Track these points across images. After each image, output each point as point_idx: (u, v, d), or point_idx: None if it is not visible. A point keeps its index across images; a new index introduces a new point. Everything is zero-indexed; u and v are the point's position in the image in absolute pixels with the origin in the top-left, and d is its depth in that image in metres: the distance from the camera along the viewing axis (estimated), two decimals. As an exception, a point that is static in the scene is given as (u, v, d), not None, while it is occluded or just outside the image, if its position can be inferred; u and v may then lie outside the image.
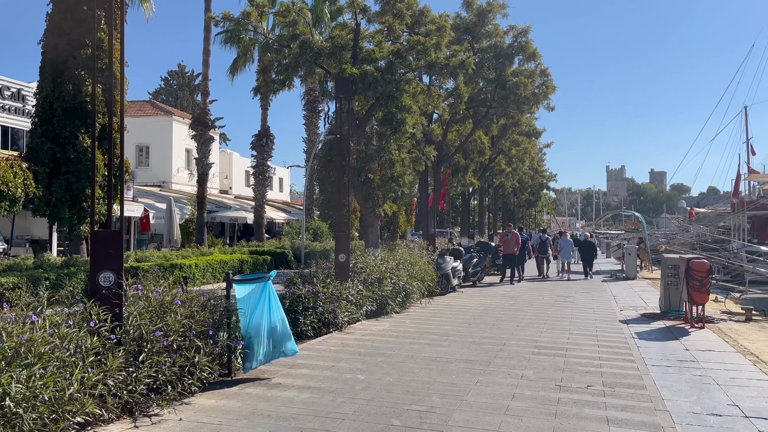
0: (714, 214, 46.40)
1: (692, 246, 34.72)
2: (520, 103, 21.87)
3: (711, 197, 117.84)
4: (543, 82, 22.63)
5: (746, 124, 48.92)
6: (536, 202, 54.49)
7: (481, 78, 21.31)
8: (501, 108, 22.35)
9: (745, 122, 48.90)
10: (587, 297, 16.34)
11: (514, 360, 8.13)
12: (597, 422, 5.51)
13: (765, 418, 5.73)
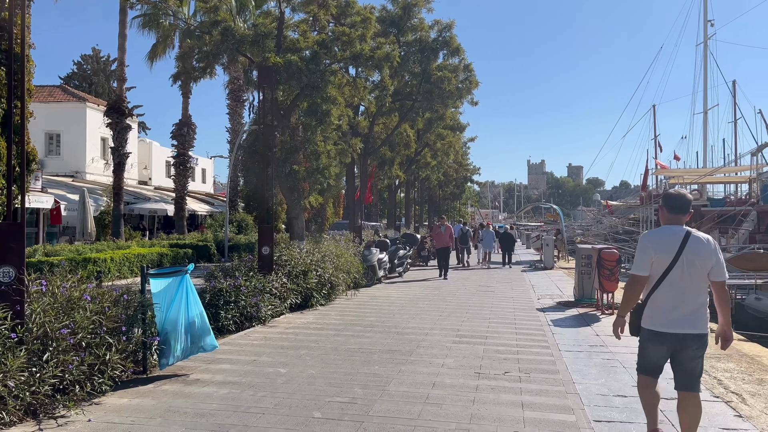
0: (625, 206, 49.03)
1: (605, 237, 36.60)
2: (445, 97, 22.22)
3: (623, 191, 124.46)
4: (467, 77, 23.07)
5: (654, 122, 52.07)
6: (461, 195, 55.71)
7: (406, 71, 21.47)
8: (426, 102, 22.63)
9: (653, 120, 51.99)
10: (507, 287, 16.89)
11: (435, 349, 8.28)
12: (512, 407, 5.71)
13: (666, 399, 6.10)
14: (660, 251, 4.37)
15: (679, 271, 4.31)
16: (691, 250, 4.33)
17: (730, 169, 38.95)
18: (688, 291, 4.33)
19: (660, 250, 4.38)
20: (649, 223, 37.75)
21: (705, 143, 46.24)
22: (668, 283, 4.34)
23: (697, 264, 4.32)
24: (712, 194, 42.05)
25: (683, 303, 4.32)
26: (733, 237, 25.50)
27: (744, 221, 26.51)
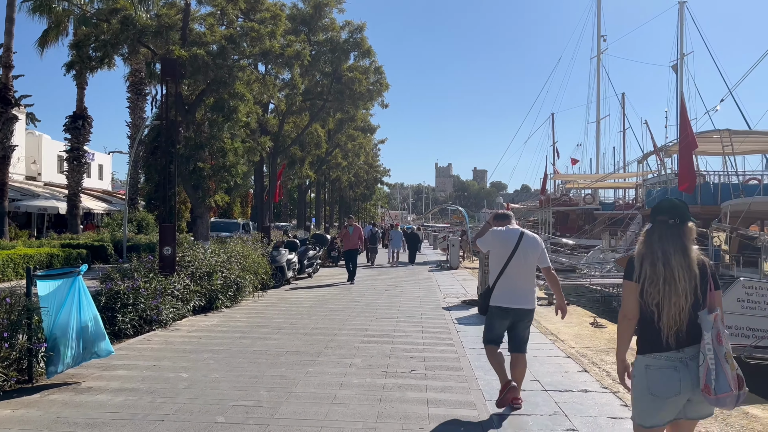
0: (525, 209, 51.45)
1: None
2: (356, 98, 22.34)
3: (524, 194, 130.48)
4: (377, 80, 23.31)
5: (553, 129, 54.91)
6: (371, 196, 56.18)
7: (317, 71, 21.38)
8: (337, 102, 22.64)
9: (552, 128, 54.85)
10: (415, 286, 17.20)
11: (344, 349, 8.28)
12: (418, 404, 5.81)
13: (560, 390, 6.46)
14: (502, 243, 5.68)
15: (516, 261, 5.56)
16: (525, 245, 5.61)
17: (619, 175, 41.86)
18: (523, 276, 5.61)
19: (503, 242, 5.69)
20: (548, 224, 39.91)
21: (597, 151, 49.50)
22: (509, 271, 5.58)
23: (529, 255, 5.60)
24: (604, 198, 45.07)
25: (520, 285, 5.60)
26: (621, 238, 27.38)
27: (631, 224, 28.57)
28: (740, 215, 15.75)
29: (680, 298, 3.20)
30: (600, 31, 47.70)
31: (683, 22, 39.25)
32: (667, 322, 3.20)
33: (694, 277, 3.25)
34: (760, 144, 22.74)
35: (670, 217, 3.38)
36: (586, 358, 8.12)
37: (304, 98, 21.98)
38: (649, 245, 3.36)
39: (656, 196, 22.93)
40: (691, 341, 3.22)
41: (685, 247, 3.31)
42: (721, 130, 19.38)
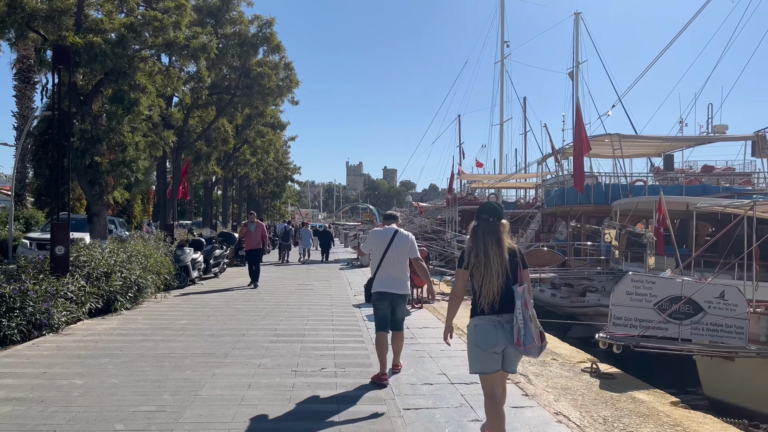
0: (433, 208, 52.64)
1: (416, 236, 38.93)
2: (265, 93, 21.91)
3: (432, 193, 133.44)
4: (287, 76, 22.99)
5: (459, 130, 56.57)
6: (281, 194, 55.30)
7: (225, 64, 20.78)
8: (245, 97, 22.10)
9: (459, 129, 56.50)
10: (326, 284, 17.15)
11: (252, 350, 8.12)
12: (328, 402, 5.80)
13: (466, 383, 6.66)
14: (379, 241, 6.73)
15: (390, 255, 6.60)
16: (397, 241, 6.66)
17: (521, 175, 43.82)
18: (397, 267, 6.65)
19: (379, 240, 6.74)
20: (455, 223, 41.09)
21: (501, 152, 51.50)
22: (386, 262, 6.62)
23: (400, 249, 6.64)
24: (507, 198, 47.01)
25: (394, 275, 6.64)
26: (522, 236, 28.66)
27: (531, 222, 29.98)
28: (628, 214, 16.96)
29: (495, 277, 4.21)
30: (503, 37, 49.58)
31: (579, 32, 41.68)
32: (487, 294, 4.22)
33: (506, 261, 4.27)
34: (646, 148, 24.57)
35: (490, 216, 4.44)
36: (491, 350, 8.43)
37: (211, 92, 21.27)
38: (475, 239, 4.37)
39: (554, 196, 24.21)
40: (507, 308, 4.23)
41: (500, 239, 4.33)
42: (611, 134, 20.76)
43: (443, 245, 34.42)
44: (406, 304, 7.01)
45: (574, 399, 6.20)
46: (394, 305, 6.72)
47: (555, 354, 8.42)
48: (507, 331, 4.21)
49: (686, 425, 5.49)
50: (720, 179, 23.09)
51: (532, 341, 4.15)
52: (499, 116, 50.25)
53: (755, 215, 9.37)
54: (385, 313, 6.71)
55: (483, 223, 4.42)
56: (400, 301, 6.74)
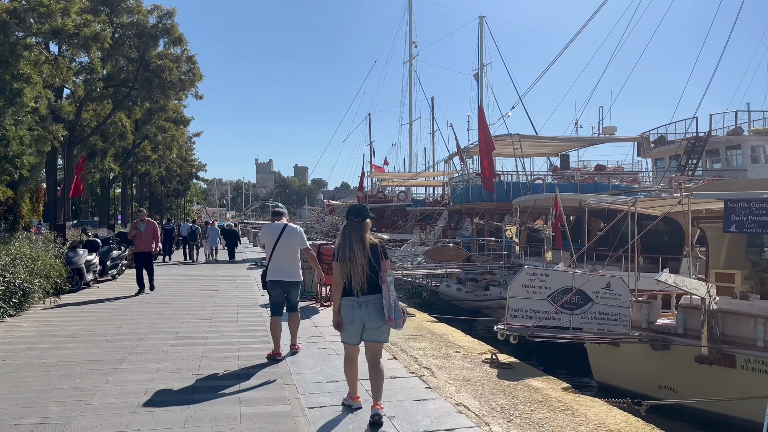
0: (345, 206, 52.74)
1: (327, 234, 38.88)
2: (166, 87, 21.01)
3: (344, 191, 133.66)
4: (190, 69, 22.15)
5: (369, 129, 56.98)
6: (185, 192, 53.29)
7: (122, 56, 19.71)
8: (145, 90, 21.09)
9: (369, 127, 56.92)
10: (232, 285, 16.73)
11: (150, 354, 7.77)
12: (230, 405, 5.66)
13: (367, 379, 6.73)
14: (270, 235, 7.58)
15: (280, 246, 7.46)
16: (287, 234, 7.53)
17: (429, 174, 44.81)
18: (288, 257, 7.50)
19: (270, 234, 7.59)
20: (365, 221, 41.28)
21: (410, 151, 52.45)
22: (276, 253, 7.46)
23: (290, 241, 7.51)
24: (416, 195, 47.95)
25: (285, 264, 7.49)
26: (430, 232, 29.34)
27: (439, 219, 30.76)
28: (528, 210, 17.79)
29: (359, 268, 5.14)
30: (411, 38, 50.52)
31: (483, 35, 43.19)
32: (355, 282, 5.16)
33: (368, 254, 5.18)
34: (544, 148, 25.87)
35: (355, 217, 5.33)
36: (396, 346, 8.56)
37: (107, 84, 20.10)
38: (343, 237, 5.30)
39: (460, 193, 24.95)
40: (369, 291, 5.19)
41: (362, 236, 5.23)
42: (512, 134, 21.68)
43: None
44: (299, 291, 7.86)
45: (474, 389, 6.42)
46: (286, 291, 7.58)
47: (458, 347, 8.68)
48: (364, 308, 5.19)
49: (575, 408, 5.83)
50: (611, 178, 24.72)
51: (399, 316, 5.17)
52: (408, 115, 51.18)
53: (636, 211, 10.11)
54: (278, 299, 7.59)
55: (350, 222, 5.32)
56: (291, 287, 7.60)
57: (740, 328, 8.28)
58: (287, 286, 7.56)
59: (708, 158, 25.97)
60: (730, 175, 22.92)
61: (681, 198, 9.75)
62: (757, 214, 8.20)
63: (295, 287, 7.63)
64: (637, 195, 13.07)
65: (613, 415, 5.66)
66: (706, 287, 8.23)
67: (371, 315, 5.18)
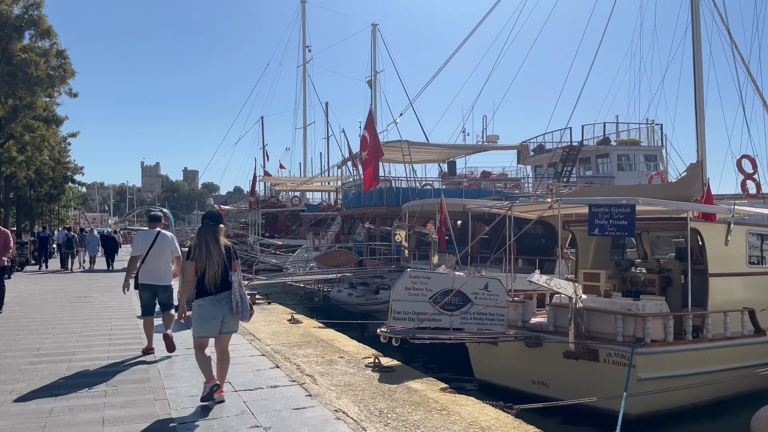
0: (236, 211, 51.40)
1: (217, 240, 37.58)
2: (32, 83, 19.35)
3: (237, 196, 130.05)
4: (61, 65, 20.57)
5: (263, 132, 55.95)
6: (59, 197, 49.33)
7: (-19, 47, 17.91)
8: (8, 86, 19.32)
9: (262, 131, 55.88)
10: (108, 295, 15.70)
11: (5, 374, 7.09)
12: (91, 425, 5.27)
13: (250, 389, 6.55)
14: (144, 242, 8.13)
15: (153, 252, 8.05)
16: (160, 240, 8.13)
17: (323, 179, 44.71)
18: (160, 263, 8.12)
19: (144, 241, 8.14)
20: (258, 226, 40.48)
21: (305, 155, 52.04)
22: (149, 258, 8.03)
23: (163, 248, 8.14)
24: (311, 200, 47.62)
25: (157, 269, 8.11)
26: (324, 238, 29.23)
27: (332, 224, 30.73)
28: (416, 215, 18.21)
29: (215, 266, 5.78)
30: (305, 41, 50.19)
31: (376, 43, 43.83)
32: (209, 280, 5.78)
33: (222, 254, 5.85)
34: (432, 154, 26.64)
35: (210, 221, 6.02)
36: (280, 354, 8.41)
37: (-37, 78, 18.18)
38: (199, 238, 5.91)
39: (352, 198, 25.08)
40: (223, 288, 5.84)
41: (217, 238, 5.91)
42: (402, 141, 22.13)
43: (246, 249, 33.78)
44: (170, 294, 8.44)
45: (355, 394, 6.43)
46: (156, 293, 8.22)
47: (343, 352, 8.68)
48: (222, 304, 5.84)
49: (451, 408, 6.01)
50: (496, 183, 25.92)
51: (246, 310, 5.88)
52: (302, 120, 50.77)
53: (513, 215, 10.65)
54: (148, 301, 8.21)
55: (205, 226, 5.99)
56: (161, 290, 8.24)
57: (603, 324, 8.93)
58: (157, 289, 8.20)
59: (581, 166, 27.95)
60: (600, 181, 24.80)
61: (552, 203, 10.37)
62: (617, 219, 8.89)
63: (164, 290, 8.28)
64: (514, 200, 13.78)
65: (485, 413, 5.89)
66: (573, 287, 8.80)
67: (226, 310, 5.83)
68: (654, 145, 28.19)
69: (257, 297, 14.43)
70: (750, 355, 9.41)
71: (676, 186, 13.73)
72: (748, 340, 9.55)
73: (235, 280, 5.81)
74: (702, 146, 15.73)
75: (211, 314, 5.81)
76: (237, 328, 6.12)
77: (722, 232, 10.02)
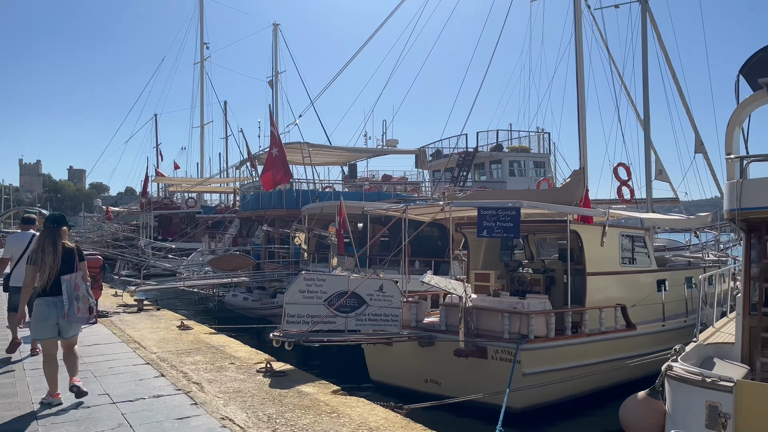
0: (126, 212, 48.71)
1: (106, 243, 35.41)
2: None
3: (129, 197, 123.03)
4: None
5: (156, 131, 53.41)
6: None
7: None
8: None
9: (156, 129, 53.35)
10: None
11: None
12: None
13: (131, 400, 6.19)
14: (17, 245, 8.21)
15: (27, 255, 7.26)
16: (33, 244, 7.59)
17: (222, 180, 43.34)
18: None
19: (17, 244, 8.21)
20: (150, 228, 38.52)
21: (202, 155, 50.21)
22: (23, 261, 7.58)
23: None
24: (210, 202, 45.98)
25: None
26: (221, 240, 28.34)
27: (230, 226, 29.86)
28: (315, 217, 18.07)
29: (48, 269, 5.82)
30: (203, 38, 48.47)
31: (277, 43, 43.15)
32: (43, 282, 5.83)
33: (58, 256, 5.89)
34: (333, 157, 26.61)
35: (52, 224, 6.12)
36: (166, 362, 8.03)
37: None
38: (38, 241, 6.06)
39: (250, 200, 24.51)
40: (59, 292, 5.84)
41: (56, 241, 5.97)
42: (301, 142, 21.93)
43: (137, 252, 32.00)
44: None
45: (243, 401, 6.25)
46: None
47: (234, 358, 8.44)
48: (58, 307, 5.84)
49: (341, 410, 5.99)
50: (396, 187, 26.30)
51: (74, 314, 5.85)
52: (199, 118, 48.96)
53: (407, 218, 10.84)
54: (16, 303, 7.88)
55: (47, 229, 6.09)
56: None
57: (492, 322, 9.28)
58: None
59: (476, 171, 29.01)
60: (493, 186, 25.85)
61: (443, 206, 10.66)
62: (503, 221, 9.28)
63: None
64: (410, 203, 14.04)
65: (375, 414, 5.92)
66: (463, 287, 9.08)
67: (60, 312, 5.84)
68: (543, 153, 29.79)
69: (145, 303, 13.71)
70: (623, 348, 10.14)
71: (561, 191, 14.56)
72: (620, 334, 10.28)
73: (66, 283, 5.82)
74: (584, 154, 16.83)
75: (45, 315, 5.83)
76: (72, 334, 6.06)
77: (598, 234, 10.75)
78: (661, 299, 11.46)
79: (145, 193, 40.48)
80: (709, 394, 5.59)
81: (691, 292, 12.16)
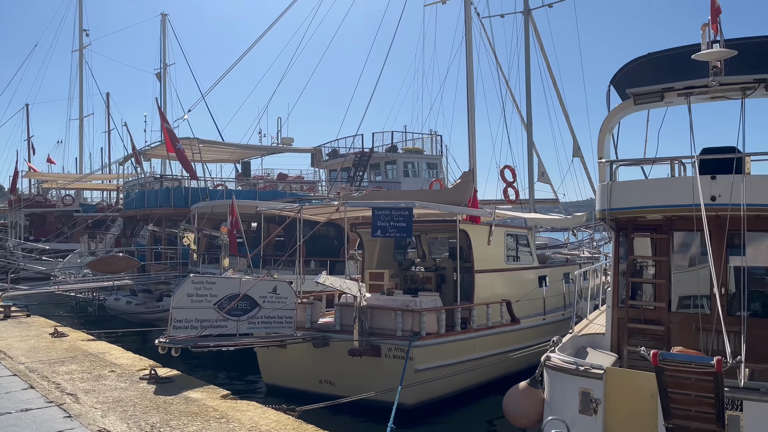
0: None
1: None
2: None
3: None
4: None
5: (28, 122, 49.18)
6: None
7: None
8: None
9: (27, 120, 49.11)
10: None
11: None
12: None
13: None
14: None
15: None
16: None
17: (103, 176, 40.64)
18: None
19: None
20: (20, 228, 35.35)
21: (81, 150, 46.81)
22: None
23: None
24: (90, 200, 42.91)
25: None
26: (102, 241, 26.58)
27: (112, 226, 28.07)
28: (205, 217, 17.42)
29: None
30: (82, 25, 45.21)
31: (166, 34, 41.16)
32: None
33: None
34: (225, 154, 25.81)
35: None
36: (37, 372, 7.41)
37: None
38: None
39: (135, 198, 23.19)
40: None
41: None
42: (191, 138, 21.06)
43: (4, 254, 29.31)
44: None
45: (124, 411, 5.89)
46: None
47: (115, 365, 7.94)
48: None
49: (231, 415, 5.81)
50: (291, 186, 25.94)
51: None
52: (78, 110, 45.62)
53: (302, 217, 10.74)
54: None
55: None
56: None
57: (386, 320, 9.41)
58: None
59: (372, 171, 29.31)
60: (388, 186, 26.24)
61: (338, 206, 10.67)
62: (397, 221, 9.44)
63: None
64: (304, 203, 13.92)
65: (266, 417, 5.80)
66: (358, 286, 9.13)
67: None
68: (435, 154, 30.67)
69: (13, 309, 12.57)
70: (508, 342, 10.66)
71: (452, 192, 15.05)
72: (506, 328, 10.81)
73: None
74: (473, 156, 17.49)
75: None
76: None
77: (485, 233, 11.23)
78: (542, 294, 12.18)
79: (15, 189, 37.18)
80: (582, 382, 6.00)
81: (568, 287, 13.04)
